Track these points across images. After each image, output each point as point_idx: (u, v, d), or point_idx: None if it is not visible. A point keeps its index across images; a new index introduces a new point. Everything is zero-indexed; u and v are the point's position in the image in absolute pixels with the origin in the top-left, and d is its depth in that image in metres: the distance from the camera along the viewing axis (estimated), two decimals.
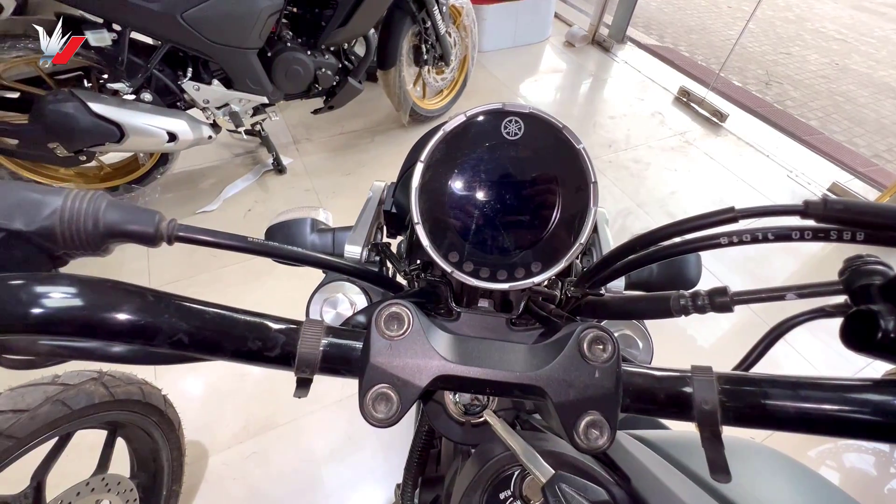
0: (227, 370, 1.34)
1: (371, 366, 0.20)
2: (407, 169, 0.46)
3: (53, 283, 0.20)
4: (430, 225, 0.27)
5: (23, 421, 0.67)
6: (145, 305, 0.21)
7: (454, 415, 0.34)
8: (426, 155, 0.27)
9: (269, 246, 0.28)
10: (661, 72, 2.95)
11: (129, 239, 0.24)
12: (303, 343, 0.22)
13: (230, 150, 2.03)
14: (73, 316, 0.19)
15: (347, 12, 1.57)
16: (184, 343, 0.21)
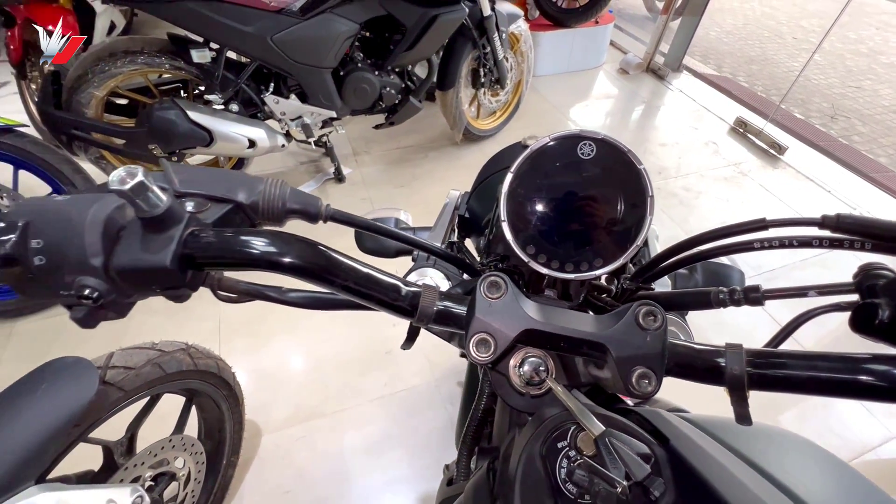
0: (282, 359, 1.45)
1: (476, 319, 0.27)
2: (480, 182, 0.53)
3: (268, 236, 0.28)
4: (513, 223, 0.34)
5: (130, 377, 0.79)
6: (327, 259, 0.29)
7: (516, 385, 0.40)
8: (515, 167, 0.34)
9: (392, 231, 0.36)
10: (717, 101, 2.91)
11: (301, 216, 0.32)
12: (423, 300, 0.30)
13: (296, 159, 2.20)
14: (277, 260, 0.28)
15: (415, 38, 1.70)
16: (350, 289, 0.29)
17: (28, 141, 1.34)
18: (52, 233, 0.26)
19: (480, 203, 0.52)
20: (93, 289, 0.26)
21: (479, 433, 0.52)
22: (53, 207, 0.27)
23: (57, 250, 0.26)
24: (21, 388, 0.67)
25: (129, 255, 0.27)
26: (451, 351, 1.50)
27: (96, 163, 1.64)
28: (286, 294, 0.34)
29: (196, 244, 0.27)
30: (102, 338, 1.48)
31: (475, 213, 0.53)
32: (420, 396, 1.39)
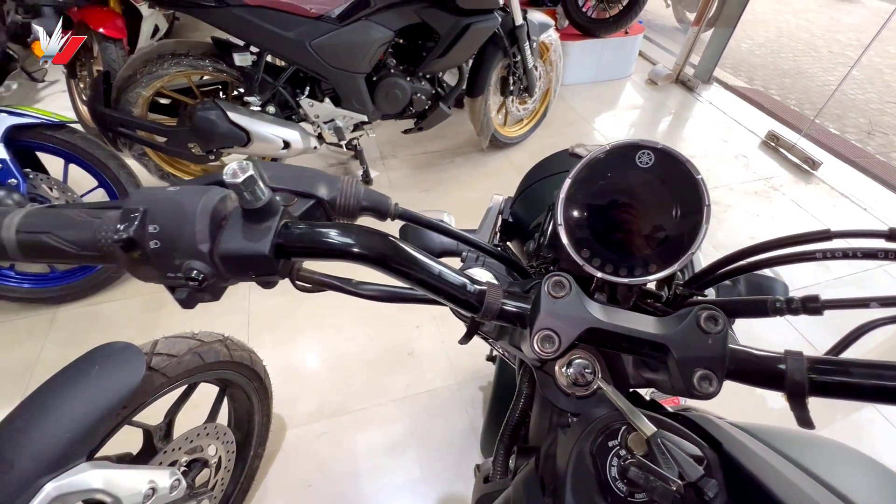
0: (308, 355, 1.48)
1: (541, 315, 0.29)
2: (526, 188, 0.54)
3: (354, 230, 0.30)
4: (569, 227, 0.36)
5: (172, 364, 0.82)
6: (406, 254, 0.30)
7: (562, 386, 0.41)
8: (574, 173, 0.35)
9: (452, 230, 0.38)
10: (748, 114, 2.87)
11: (372, 213, 0.34)
12: (489, 296, 0.31)
13: (325, 160, 2.25)
14: (363, 252, 0.30)
15: (448, 45, 1.73)
16: (425, 283, 0.30)
17: (79, 137, 1.41)
18: (167, 220, 0.29)
19: (525, 208, 0.54)
20: (199, 272, 0.29)
21: (517, 433, 0.53)
22: (167, 196, 0.29)
23: (170, 236, 0.29)
24: (76, 369, 0.71)
25: (233, 243, 0.29)
26: (473, 354, 1.51)
27: (139, 159, 1.71)
28: (358, 286, 0.35)
29: (289, 235, 0.30)
30: (137, 325, 1.54)
31: (519, 217, 0.54)
32: (442, 398, 1.40)
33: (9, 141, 1.31)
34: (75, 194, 1.47)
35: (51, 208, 0.31)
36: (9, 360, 1.41)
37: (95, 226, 0.30)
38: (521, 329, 0.32)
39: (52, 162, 1.47)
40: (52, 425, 0.64)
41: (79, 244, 0.30)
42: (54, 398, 0.67)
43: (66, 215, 0.30)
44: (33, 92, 2.64)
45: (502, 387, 0.84)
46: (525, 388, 0.53)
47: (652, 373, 0.33)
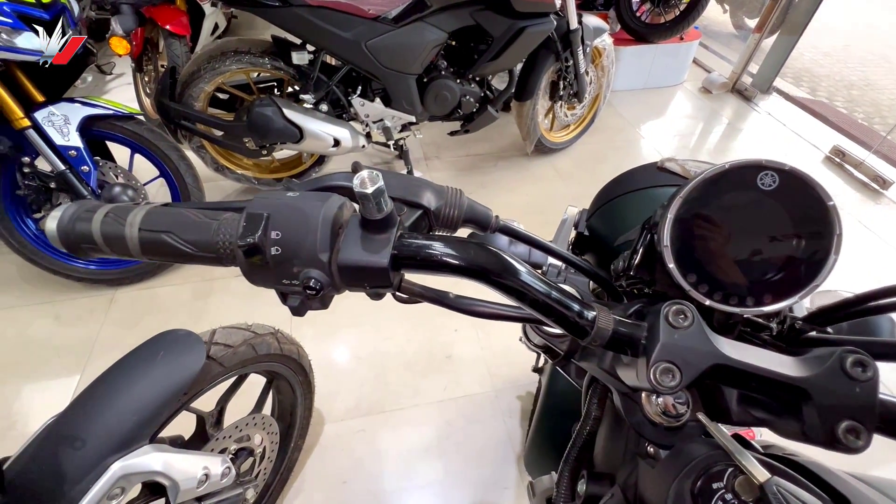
0: (347, 352, 1.50)
1: (661, 346, 0.27)
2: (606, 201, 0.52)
3: (467, 244, 0.30)
4: (676, 249, 0.33)
5: (228, 354, 0.84)
6: (518, 272, 0.29)
7: (650, 415, 0.39)
8: (686, 192, 0.33)
9: (545, 244, 0.36)
10: (810, 127, 2.71)
11: (474, 225, 0.34)
12: (600, 321, 0.30)
13: (371, 160, 2.28)
14: (475, 268, 0.29)
15: (500, 48, 1.71)
16: (536, 302, 0.29)
17: (145, 128, 1.48)
18: (289, 227, 0.29)
19: (604, 222, 0.51)
20: (317, 280, 0.28)
21: (584, 456, 0.51)
22: (290, 203, 0.29)
23: (292, 243, 0.29)
24: (142, 354, 0.73)
25: (353, 253, 0.29)
26: (512, 364, 1.49)
27: (197, 151, 1.78)
28: (457, 300, 0.35)
29: (406, 247, 0.29)
30: (188, 311, 1.60)
31: (597, 232, 0.52)
32: (479, 405, 1.38)
33: (83, 130, 1.39)
34: (139, 182, 1.54)
35: (170, 207, 0.32)
36: (72, 337, 1.50)
37: (214, 228, 0.30)
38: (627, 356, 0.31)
39: (118, 151, 1.55)
40: (120, 407, 0.67)
41: (197, 245, 0.30)
42: (123, 381, 0.69)
43: (184, 215, 0.31)
44: (102, 84, 2.81)
45: (552, 402, 0.82)
46: (594, 410, 0.51)
47: (768, 413, 0.31)
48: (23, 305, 1.58)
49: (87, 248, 0.31)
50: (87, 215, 0.31)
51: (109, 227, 0.30)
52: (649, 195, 0.48)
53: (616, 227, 0.50)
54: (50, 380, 1.39)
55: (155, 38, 2.20)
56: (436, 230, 0.34)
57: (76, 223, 0.31)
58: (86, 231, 0.31)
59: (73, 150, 1.37)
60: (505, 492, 1.22)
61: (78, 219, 0.31)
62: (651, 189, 0.48)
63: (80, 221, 0.31)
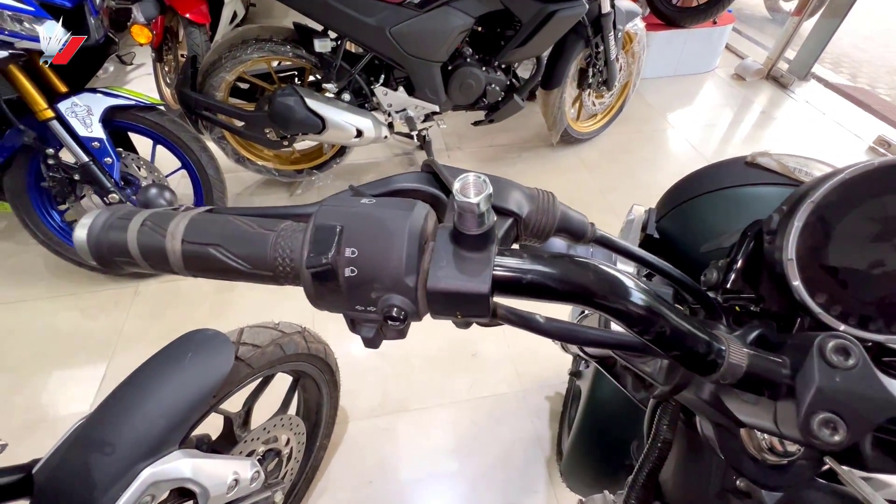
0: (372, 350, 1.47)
1: (819, 391, 0.22)
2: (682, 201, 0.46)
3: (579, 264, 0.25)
4: (804, 264, 0.28)
5: (257, 355, 0.81)
6: (646, 299, 0.24)
7: (751, 450, 0.34)
8: (819, 196, 0.28)
9: (635, 252, 0.31)
10: (852, 116, 2.56)
11: (565, 234, 0.29)
12: (731, 356, 0.25)
13: (391, 150, 2.23)
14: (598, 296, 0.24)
15: (529, 33, 1.64)
16: (663, 338, 0.24)
17: (167, 119, 1.46)
18: (369, 243, 0.24)
19: (680, 225, 0.46)
20: (399, 308, 0.24)
21: (653, 483, 0.46)
22: (367, 213, 0.25)
23: (370, 263, 0.24)
24: (170, 355, 0.71)
25: (445, 276, 0.23)
26: (539, 363, 1.44)
27: (218, 142, 1.76)
28: (552, 324, 0.30)
29: (509, 268, 0.24)
30: (210, 304, 1.59)
31: (670, 235, 0.47)
32: (506, 405, 1.34)
33: (106, 121, 1.37)
34: (162, 174, 1.52)
35: (216, 214, 0.28)
36: (97, 329, 1.50)
37: (271, 241, 0.25)
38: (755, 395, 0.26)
39: (140, 142, 1.53)
40: (149, 411, 0.64)
41: (251, 261, 0.25)
42: (151, 383, 0.67)
43: (235, 225, 0.26)
44: (122, 74, 2.80)
45: (595, 410, 0.77)
46: (664, 433, 0.46)
47: None
48: (48, 297, 1.58)
49: (120, 262, 0.27)
50: (121, 223, 0.27)
51: (148, 237, 0.26)
52: (739, 195, 0.42)
53: (696, 231, 0.44)
54: (77, 371, 1.39)
55: (175, 28, 2.17)
56: (524, 241, 0.30)
57: (109, 232, 0.27)
58: (120, 242, 0.26)
59: (96, 141, 1.36)
60: (535, 496, 1.18)
61: (111, 227, 0.27)
62: (741, 188, 0.42)
63: (114, 230, 0.27)
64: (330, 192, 2.07)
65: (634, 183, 2.12)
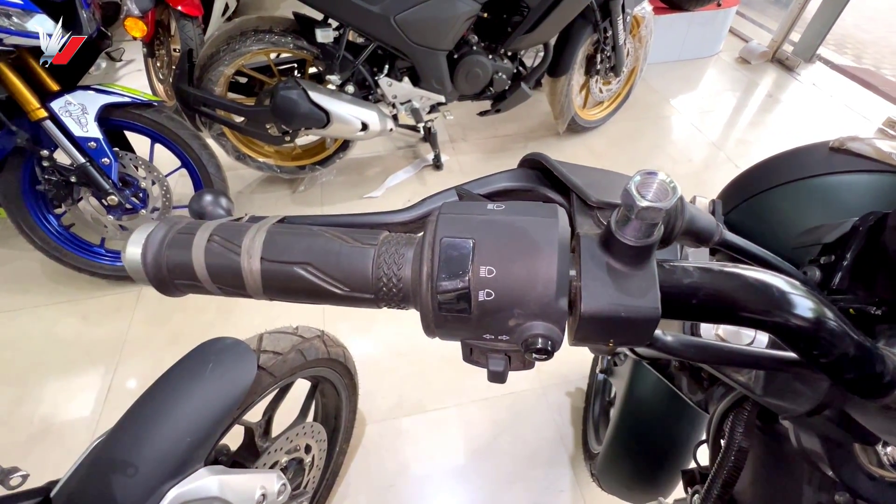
0: (386, 349, 1.43)
1: None
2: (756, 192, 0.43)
3: (718, 272, 0.21)
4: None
5: (278, 362, 0.77)
6: (815, 313, 0.20)
7: (864, 463, 0.30)
8: None
9: (772, 259, 0.27)
10: (859, 97, 2.53)
11: (691, 238, 0.25)
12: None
13: (394, 143, 2.18)
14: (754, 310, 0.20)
15: (538, 19, 1.59)
16: (836, 355, 0.20)
17: (165, 116, 1.40)
18: (508, 260, 0.19)
19: (757, 218, 0.42)
20: (546, 338, 0.19)
21: (728, 495, 0.43)
22: (501, 221, 0.20)
23: (512, 284, 0.19)
24: (189, 367, 0.67)
25: (607, 298, 0.19)
26: (559, 357, 1.41)
27: (217, 139, 1.70)
28: (690, 346, 0.26)
29: (675, 284, 0.20)
30: (216, 306, 1.54)
31: (744, 230, 0.43)
32: (526, 403, 1.32)
33: (102, 120, 1.31)
34: (161, 174, 1.47)
35: (296, 225, 0.23)
36: (100, 336, 1.45)
37: (373, 257, 0.21)
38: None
39: (137, 141, 1.47)
40: (172, 427, 0.60)
41: (350, 283, 0.21)
42: (172, 398, 0.63)
43: (325, 238, 0.22)
44: (112, 71, 2.72)
45: (636, 411, 0.74)
46: (740, 441, 0.43)
47: None
48: (48, 304, 1.53)
49: (182, 286, 0.23)
50: (183, 239, 0.22)
51: (218, 256, 0.22)
52: (829, 184, 0.38)
53: (777, 226, 0.40)
54: (82, 380, 1.35)
55: (166, 21, 2.09)
56: None
57: (170, 251, 0.22)
58: (184, 262, 0.22)
59: (92, 141, 1.30)
60: (560, 495, 1.16)
61: (171, 244, 0.22)
62: (829, 177, 0.38)
63: (175, 248, 0.22)
64: (334, 188, 2.02)
65: None
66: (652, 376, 0.69)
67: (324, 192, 1.95)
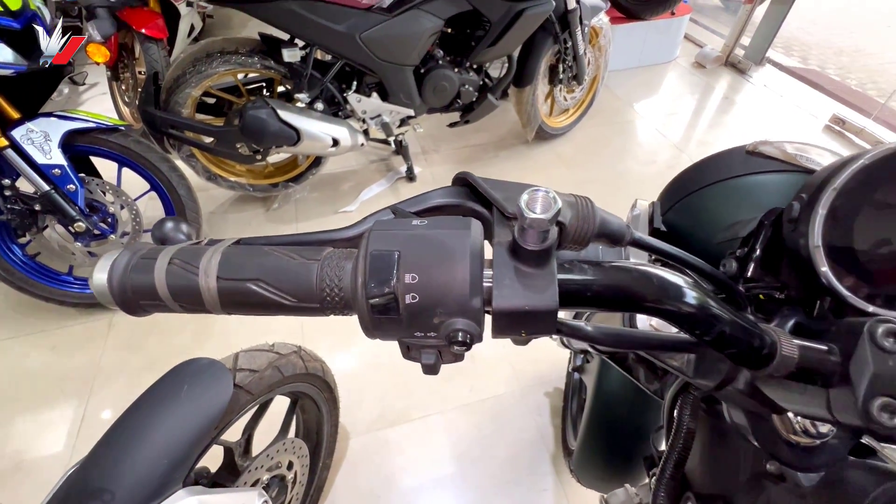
0: (366, 361, 1.44)
1: (875, 377, 0.22)
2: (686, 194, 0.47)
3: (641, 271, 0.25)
4: (830, 249, 0.28)
5: (255, 380, 0.78)
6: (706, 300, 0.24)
7: (784, 434, 0.34)
8: (841, 182, 0.28)
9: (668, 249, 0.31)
10: (807, 97, 2.69)
11: (604, 239, 0.28)
12: (783, 349, 0.25)
13: (367, 157, 2.20)
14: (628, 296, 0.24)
15: (499, 33, 1.65)
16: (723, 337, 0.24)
17: (132, 140, 1.39)
18: (430, 267, 0.22)
19: (688, 217, 0.46)
20: (466, 332, 0.22)
21: (680, 473, 0.46)
22: (425, 234, 0.23)
23: (432, 287, 0.22)
24: (164, 389, 0.67)
25: (512, 295, 0.22)
26: (536, 361, 1.44)
27: (187, 161, 1.69)
28: (603, 331, 0.29)
29: (573, 281, 0.23)
30: (193, 329, 1.53)
31: (678, 228, 0.47)
32: (506, 405, 1.34)
33: (66, 146, 1.30)
34: (130, 198, 1.45)
35: (248, 246, 0.26)
36: (72, 367, 1.41)
37: (316, 271, 0.24)
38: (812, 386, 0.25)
39: (103, 166, 1.46)
40: (148, 451, 0.60)
41: (297, 294, 0.24)
42: (147, 421, 0.63)
43: (274, 256, 0.24)
44: (75, 95, 2.67)
45: (605, 405, 0.78)
46: (687, 423, 0.46)
47: None
48: (15, 337, 1.49)
49: (147, 305, 0.25)
50: (145, 263, 0.25)
51: (178, 277, 0.24)
52: (745, 184, 0.42)
53: (705, 223, 0.44)
54: (53, 414, 1.31)
55: (130, 44, 2.08)
56: (564, 248, 0.29)
57: (133, 275, 0.24)
58: (146, 284, 0.24)
59: (56, 168, 1.28)
60: (543, 494, 1.18)
61: (134, 269, 0.25)
62: (746, 177, 0.42)
63: (138, 272, 0.24)
64: (308, 204, 2.03)
65: (611, 174, 2.16)
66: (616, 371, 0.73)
67: (298, 209, 1.95)
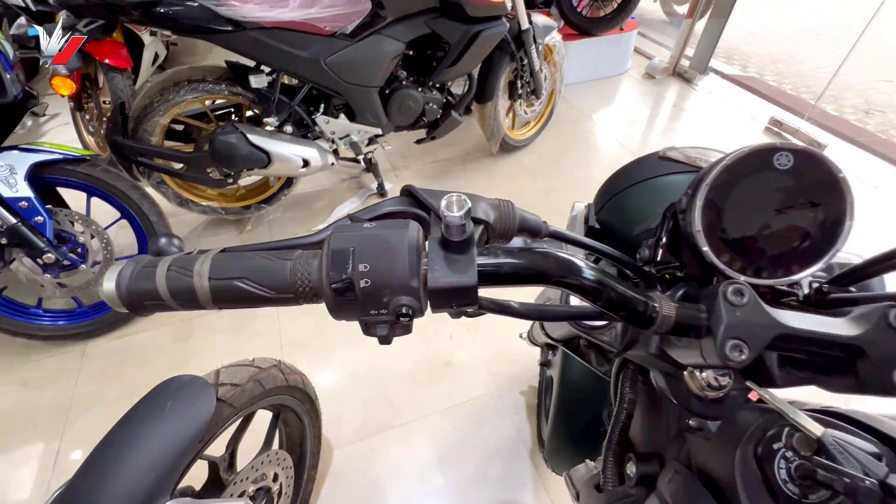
0: (345, 373, 1.47)
1: (727, 325, 0.29)
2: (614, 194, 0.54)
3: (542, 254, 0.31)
4: (708, 233, 0.36)
5: (237, 393, 0.81)
6: (591, 273, 0.30)
7: (694, 390, 0.41)
8: (712, 178, 0.35)
9: (584, 241, 0.38)
10: (748, 102, 2.90)
11: (525, 234, 0.35)
12: (664, 309, 0.31)
13: (338, 176, 2.25)
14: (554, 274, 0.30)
15: (458, 54, 1.74)
16: (610, 301, 0.30)
17: (100, 170, 1.40)
18: (377, 258, 0.29)
19: (615, 215, 0.54)
20: (408, 307, 0.28)
21: (622, 440, 0.53)
22: (373, 234, 0.29)
23: (381, 274, 0.29)
24: (149, 406, 0.70)
25: (441, 276, 0.29)
26: (513, 361, 1.51)
27: (157, 188, 1.70)
28: (525, 307, 0.35)
29: (489, 264, 0.30)
30: (169, 356, 1.53)
31: (608, 224, 0.54)
32: (484, 407, 1.39)
33: (32, 178, 1.30)
34: (100, 227, 1.46)
35: (232, 252, 0.31)
36: (44, 401, 1.39)
37: (290, 268, 0.30)
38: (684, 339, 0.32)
39: (71, 196, 1.46)
40: (135, 466, 0.63)
41: (275, 288, 0.29)
42: (134, 437, 0.65)
43: (254, 259, 0.30)
44: (36, 127, 2.63)
45: (568, 393, 0.84)
46: (628, 394, 0.53)
47: (813, 373, 0.33)
48: None
49: (150, 305, 0.30)
50: (147, 272, 0.30)
51: (176, 281, 0.30)
52: (657, 184, 0.50)
53: (628, 218, 0.52)
54: (25, 451, 1.28)
55: (93, 74, 2.08)
56: (492, 242, 0.35)
57: (138, 281, 0.30)
58: (150, 288, 0.30)
59: (23, 201, 1.28)
60: (523, 488, 1.23)
61: (139, 276, 0.30)
62: (658, 178, 0.50)
63: (142, 279, 0.30)
64: (281, 225, 2.05)
65: (572, 180, 2.27)
66: (576, 361, 0.80)
67: (272, 230, 1.98)
